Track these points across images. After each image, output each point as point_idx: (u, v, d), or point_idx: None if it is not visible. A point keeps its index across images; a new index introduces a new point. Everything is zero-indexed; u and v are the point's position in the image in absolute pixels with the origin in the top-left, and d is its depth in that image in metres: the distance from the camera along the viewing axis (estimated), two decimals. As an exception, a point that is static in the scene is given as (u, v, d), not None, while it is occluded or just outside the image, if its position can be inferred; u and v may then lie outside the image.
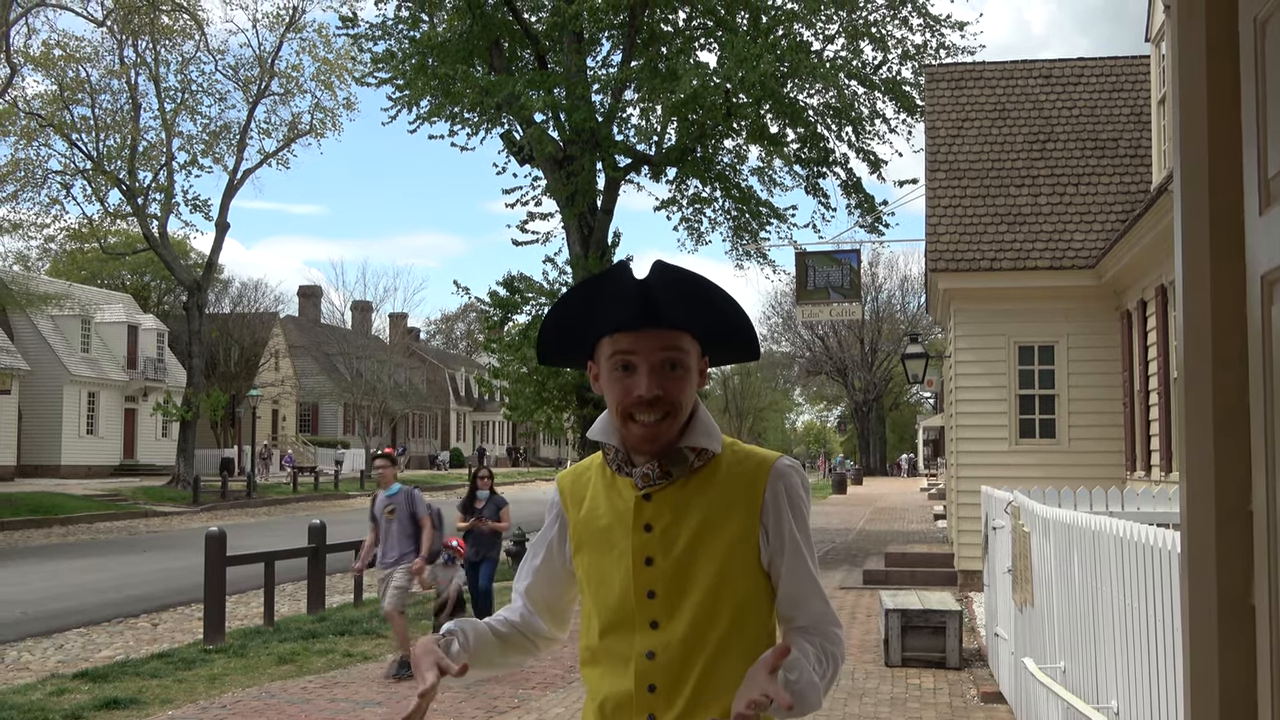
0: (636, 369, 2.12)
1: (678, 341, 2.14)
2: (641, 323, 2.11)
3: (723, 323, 2.18)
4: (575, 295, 2.19)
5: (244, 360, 59.15)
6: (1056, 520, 6.32)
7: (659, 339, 2.12)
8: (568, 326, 2.20)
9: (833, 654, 2.13)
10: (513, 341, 23.06)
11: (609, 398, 2.18)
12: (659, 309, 2.11)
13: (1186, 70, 1.90)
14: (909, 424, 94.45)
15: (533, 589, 2.39)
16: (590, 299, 2.15)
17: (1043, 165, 16.30)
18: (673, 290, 2.10)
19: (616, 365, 2.14)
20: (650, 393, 2.10)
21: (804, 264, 20.72)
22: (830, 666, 2.11)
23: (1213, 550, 1.81)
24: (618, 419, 2.16)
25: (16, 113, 38.88)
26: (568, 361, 2.31)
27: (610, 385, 2.16)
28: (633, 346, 2.12)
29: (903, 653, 10.16)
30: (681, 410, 2.15)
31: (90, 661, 11.43)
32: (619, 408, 2.14)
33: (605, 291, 2.13)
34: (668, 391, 2.12)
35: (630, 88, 23.57)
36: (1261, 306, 1.71)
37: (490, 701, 8.88)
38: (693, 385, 2.17)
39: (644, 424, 2.12)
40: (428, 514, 9.97)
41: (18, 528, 28.48)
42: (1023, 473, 13.80)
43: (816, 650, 2.10)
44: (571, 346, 2.24)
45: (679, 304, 2.12)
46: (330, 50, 41.80)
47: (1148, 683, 4.48)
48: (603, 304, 2.13)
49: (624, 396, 2.13)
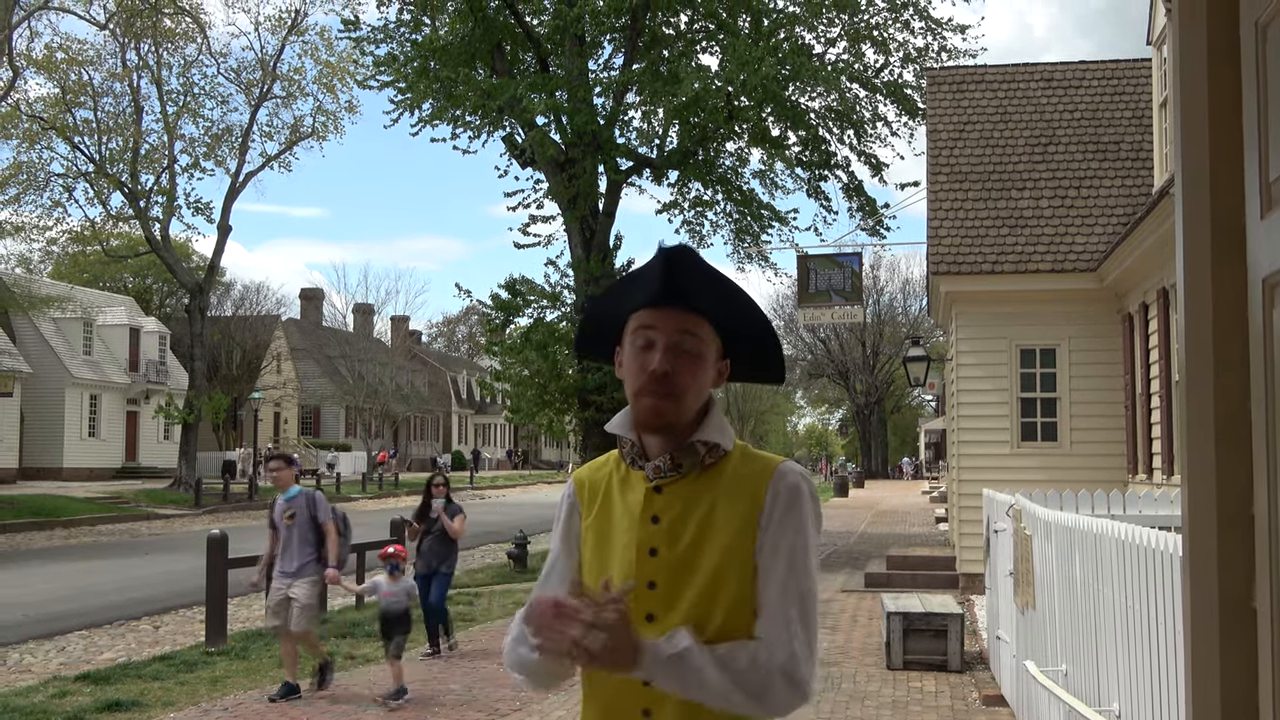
0: (655, 345, 2.18)
1: (696, 327, 2.20)
2: (665, 297, 2.18)
3: (743, 321, 2.25)
4: (618, 283, 2.29)
5: (246, 363, 59.22)
6: (1058, 523, 6.32)
7: (678, 319, 2.19)
8: (605, 311, 2.30)
9: (765, 663, 2.05)
10: (514, 344, 23.04)
11: (627, 376, 2.23)
12: (683, 286, 2.17)
13: (1188, 74, 1.91)
14: (911, 427, 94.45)
15: None
16: (626, 283, 2.26)
17: (1044, 168, 16.30)
18: (698, 273, 2.18)
19: (638, 342, 2.21)
20: (662, 368, 2.15)
21: (806, 267, 20.72)
22: (758, 673, 2.04)
23: (1214, 553, 1.82)
24: (632, 396, 2.22)
25: (19, 116, 38.92)
26: (600, 352, 2.37)
27: (630, 362, 2.22)
28: (653, 322, 2.19)
29: (904, 655, 10.16)
30: (687, 393, 2.18)
31: (92, 664, 11.43)
32: (634, 383, 2.20)
33: (641, 271, 2.22)
34: (677, 371, 2.16)
35: (632, 91, 23.59)
36: (1263, 310, 1.72)
37: (493, 705, 8.88)
38: (705, 375, 2.22)
39: (652, 397, 2.17)
40: (331, 519, 9.25)
41: (20, 530, 28.49)
42: (1024, 476, 13.79)
43: (749, 653, 2.05)
44: (605, 331, 2.32)
45: (704, 287, 2.19)
46: (332, 53, 41.86)
47: (1149, 686, 4.48)
48: (638, 281, 2.22)
49: (639, 372, 2.19)
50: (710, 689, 2.03)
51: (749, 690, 2.05)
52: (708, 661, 2.03)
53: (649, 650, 2.00)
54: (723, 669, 2.04)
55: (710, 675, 2.03)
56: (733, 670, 2.04)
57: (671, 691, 2.05)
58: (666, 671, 2.02)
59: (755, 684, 2.05)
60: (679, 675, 2.02)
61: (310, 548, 9.11)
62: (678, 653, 2.01)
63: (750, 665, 2.05)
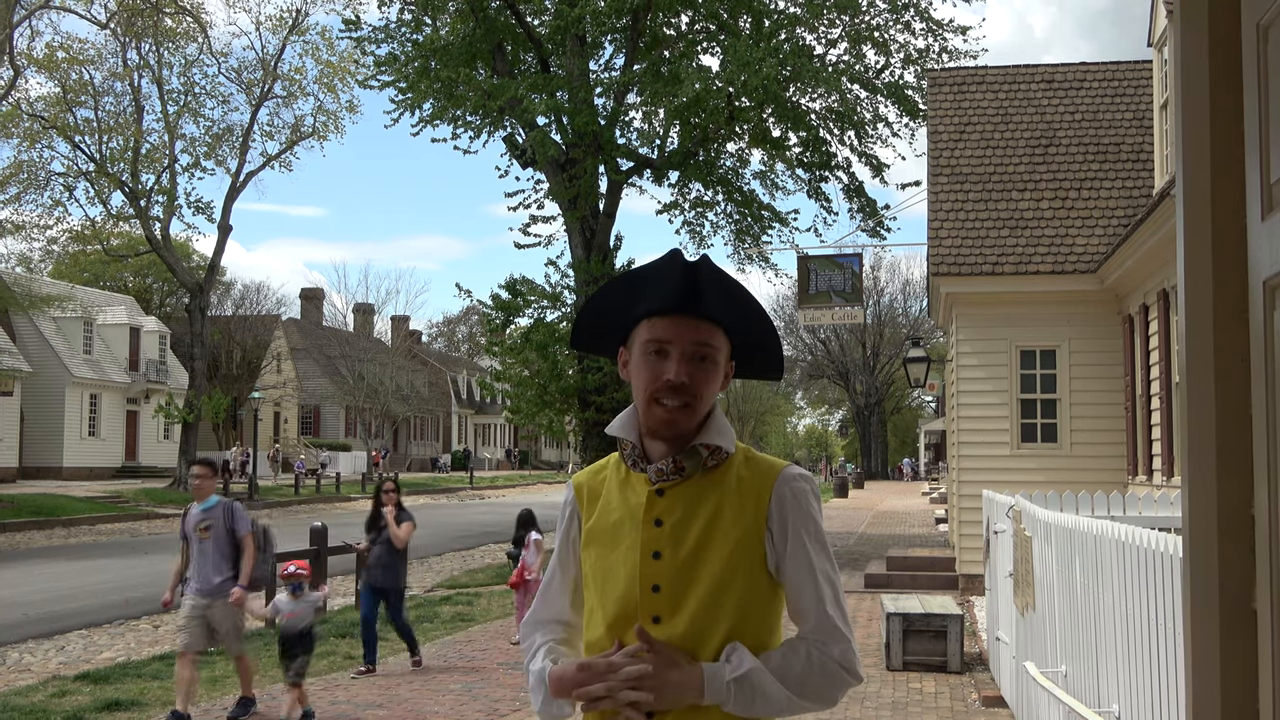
0: (669, 354, 2.19)
1: (711, 337, 2.21)
2: (681, 306, 2.19)
3: (755, 328, 2.26)
4: (621, 280, 2.28)
5: (246, 362, 59.23)
6: (1058, 524, 6.32)
7: (694, 330, 2.19)
8: (609, 307, 2.29)
9: (822, 661, 2.11)
10: (515, 344, 23.06)
11: (637, 381, 2.23)
12: (700, 297, 2.19)
13: (1189, 75, 1.91)
14: (911, 428, 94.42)
15: (574, 606, 2.37)
16: (635, 283, 2.25)
17: (1045, 170, 16.30)
18: (716, 283, 2.19)
19: (650, 350, 2.21)
20: (679, 378, 2.16)
21: (806, 268, 20.72)
22: (816, 672, 2.10)
23: (1214, 554, 1.81)
24: (643, 403, 2.22)
25: (20, 115, 38.93)
26: (599, 347, 2.37)
27: (640, 369, 2.22)
28: (669, 334, 2.19)
29: (904, 656, 10.16)
30: (701, 402, 2.20)
31: (92, 663, 11.44)
32: (647, 391, 2.20)
33: (654, 274, 2.22)
34: (694, 381, 2.18)
35: (633, 91, 23.61)
36: (1264, 312, 1.72)
37: (492, 705, 8.88)
38: (717, 382, 2.24)
39: (666, 408, 2.17)
40: (250, 531, 8.42)
41: (20, 529, 28.49)
42: (1024, 477, 13.79)
43: (803, 656, 2.11)
44: (607, 331, 2.32)
45: (720, 298, 2.20)
46: (333, 53, 41.88)
47: (1149, 687, 4.48)
48: (648, 285, 2.22)
49: (653, 380, 2.19)
50: (774, 702, 2.08)
51: (811, 693, 2.11)
52: (768, 679, 2.07)
53: (709, 680, 2.06)
54: (783, 679, 2.09)
55: (773, 690, 2.08)
56: (792, 678, 2.10)
57: (739, 714, 2.08)
58: (730, 697, 2.06)
59: (816, 684, 2.11)
60: (742, 697, 2.07)
61: (229, 563, 8.33)
62: (738, 676, 2.06)
63: (806, 667, 2.11)
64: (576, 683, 2.09)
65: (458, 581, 18.15)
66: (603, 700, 2.06)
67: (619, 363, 2.32)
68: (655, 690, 2.03)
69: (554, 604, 2.37)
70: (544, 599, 2.39)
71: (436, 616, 13.56)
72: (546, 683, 2.18)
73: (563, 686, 2.12)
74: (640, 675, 2.03)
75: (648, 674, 2.04)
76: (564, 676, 2.13)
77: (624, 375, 2.29)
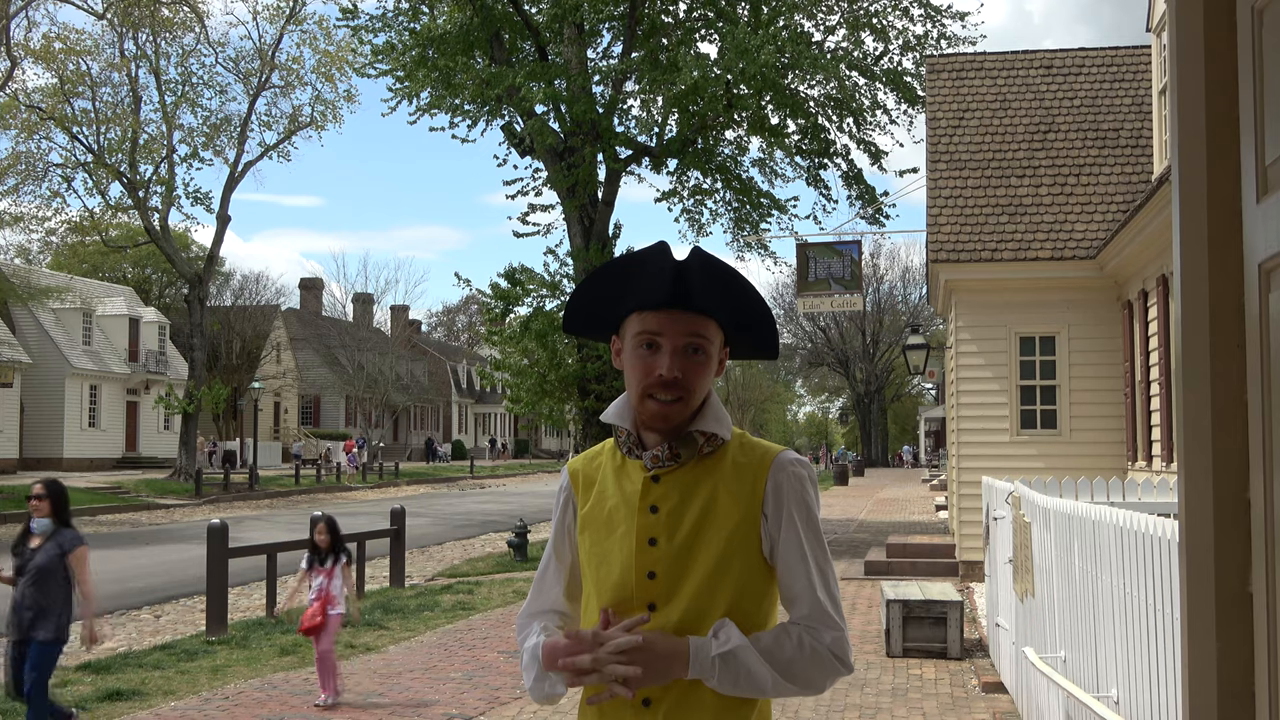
0: (660, 349, 2.18)
1: (703, 329, 2.19)
2: (672, 302, 2.17)
3: (749, 316, 2.25)
4: (611, 269, 2.25)
5: (245, 353, 59.27)
6: (1057, 510, 6.32)
7: (686, 323, 2.18)
8: (599, 297, 2.27)
9: (813, 647, 2.11)
10: (514, 333, 23.05)
11: (629, 375, 2.23)
12: (691, 291, 2.17)
13: (1185, 59, 1.90)
14: (910, 415, 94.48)
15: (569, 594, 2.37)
16: (626, 274, 2.22)
17: (1044, 156, 16.28)
18: (707, 276, 2.17)
19: (641, 343, 2.20)
20: (671, 373, 2.15)
21: (805, 255, 20.70)
22: (806, 657, 2.10)
23: (1211, 539, 1.82)
24: (636, 396, 2.21)
25: (17, 106, 38.84)
26: (591, 333, 2.36)
27: (633, 362, 2.21)
28: (659, 327, 2.18)
29: (904, 643, 10.18)
30: (695, 395, 2.19)
31: (92, 653, 11.45)
32: (640, 386, 2.19)
33: (643, 268, 2.19)
34: (686, 375, 2.17)
35: (631, 79, 23.56)
36: (1259, 294, 1.72)
37: (492, 693, 8.91)
38: (710, 373, 2.23)
39: (660, 402, 2.17)
40: None
41: (20, 520, 28.47)
42: (1024, 463, 13.81)
43: (794, 640, 2.10)
44: (599, 318, 2.30)
45: (712, 290, 2.18)
46: (331, 42, 41.74)
47: (1147, 671, 4.49)
48: (638, 279, 2.19)
49: (645, 375, 2.18)
50: (759, 682, 2.07)
51: (799, 677, 2.10)
52: (755, 658, 2.06)
53: (695, 654, 2.05)
54: (771, 660, 2.08)
55: (759, 669, 2.07)
56: (781, 660, 2.09)
57: (723, 691, 2.07)
58: (715, 671, 2.05)
59: (805, 669, 2.11)
60: (727, 673, 2.06)
61: None
62: (724, 652, 2.05)
63: (796, 651, 2.10)
64: (565, 652, 2.08)
65: (459, 570, 18.18)
66: (590, 675, 2.05)
67: (613, 350, 2.31)
68: (643, 664, 2.02)
69: (548, 595, 2.37)
70: (538, 591, 2.39)
71: (437, 605, 13.59)
72: (540, 658, 2.17)
73: (552, 657, 2.12)
74: (628, 647, 2.02)
75: (636, 646, 2.02)
76: (555, 646, 2.12)
77: (617, 363, 2.29)
